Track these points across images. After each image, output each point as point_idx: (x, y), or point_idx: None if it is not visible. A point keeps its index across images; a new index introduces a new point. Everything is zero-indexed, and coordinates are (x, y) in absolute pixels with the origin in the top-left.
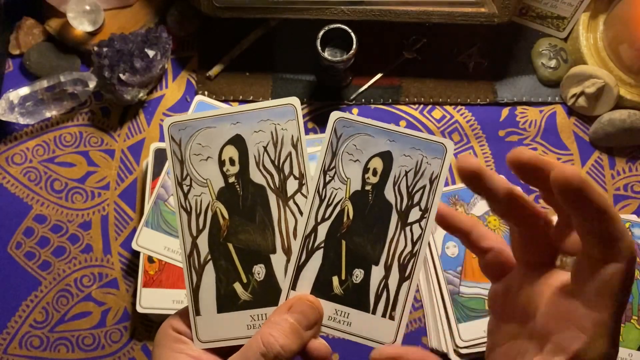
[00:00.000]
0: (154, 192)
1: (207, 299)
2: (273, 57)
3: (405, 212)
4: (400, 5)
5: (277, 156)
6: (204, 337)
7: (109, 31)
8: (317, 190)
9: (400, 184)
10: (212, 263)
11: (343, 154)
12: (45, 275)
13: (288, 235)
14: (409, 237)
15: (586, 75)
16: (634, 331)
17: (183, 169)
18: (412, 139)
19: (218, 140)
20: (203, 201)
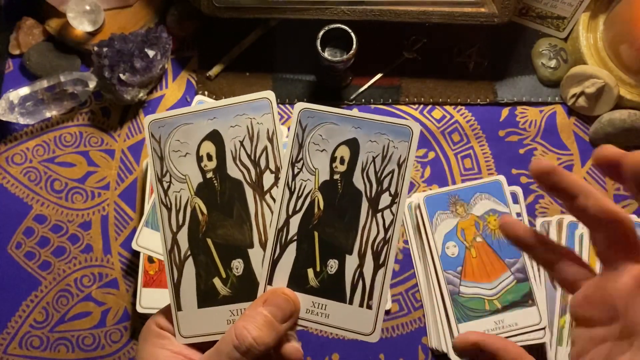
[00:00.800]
0: (153, 192)
1: (187, 294)
2: (273, 57)
3: (375, 198)
4: (400, 5)
5: (254, 150)
6: (186, 332)
7: (109, 31)
8: (287, 183)
9: (368, 170)
10: (192, 259)
11: (309, 145)
12: (45, 275)
13: (265, 230)
14: (380, 224)
15: (586, 75)
16: None
17: (163, 165)
18: (378, 124)
19: (196, 136)
20: (182, 197)
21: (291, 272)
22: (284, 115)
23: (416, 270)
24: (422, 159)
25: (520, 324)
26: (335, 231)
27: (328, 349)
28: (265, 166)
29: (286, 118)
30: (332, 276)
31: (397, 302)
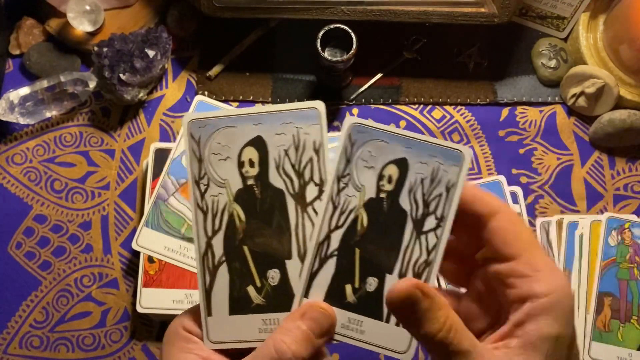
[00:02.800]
0: (154, 192)
1: (219, 300)
2: (273, 57)
3: (421, 220)
4: (400, 5)
5: (298, 161)
6: (215, 338)
7: (109, 31)
8: (331, 197)
9: (416, 191)
10: (226, 265)
11: (357, 161)
12: (45, 275)
13: (305, 242)
14: (424, 246)
15: (586, 75)
16: (634, 331)
17: (201, 167)
18: (429, 146)
19: (238, 140)
20: (220, 202)
21: (329, 286)
22: None
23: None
24: None
25: None
26: (377, 249)
27: (328, 350)
28: (310, 178)
29: None
30: (371, 294)
31: None
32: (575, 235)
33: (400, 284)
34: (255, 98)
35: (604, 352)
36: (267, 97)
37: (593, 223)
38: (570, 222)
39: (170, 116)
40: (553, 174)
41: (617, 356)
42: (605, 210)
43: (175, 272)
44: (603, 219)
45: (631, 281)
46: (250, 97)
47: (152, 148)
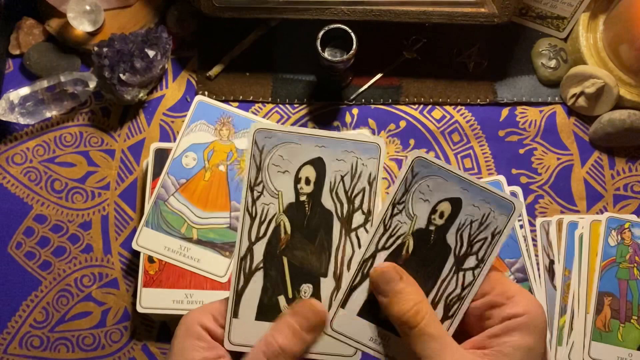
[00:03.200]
0: (154, 192)
1: (248, 304)
2: (273, 57)
3: (462, 258)
4: (400, 5)
5: (352, 188)
6: (235, 340)
7: (109, 31)
8: (384, 220)
9: (463, 231)
10: (262, 271)
11: (415, 192)
12: (45, 275)
13: (342, 264)
14: (460, 281)
15: (586, 75)
16: (634, 331)
17: (258, 175)
18: (484, 192)
19: (300, 157)
20: (270, 211)
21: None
22: (284, 115)
23: None
24: None
25: None
26: (416, 276)
27: None
28: (359, 206)
29: (286, 118)
30: None
31: None
32: (575, 235)
33: (382, 263)
34: (255, 98)
35: (603, 352)
36: (267, 97)
37: (593, 223)
38: (570, 222)
39: (171, 116)
40: (553, 174)
41: (617, 356)
42: (605, 210)
43: (176, 272)
44: (603, 219)
45: (631, 281)
46: (250, 97)
47: (152, 148)
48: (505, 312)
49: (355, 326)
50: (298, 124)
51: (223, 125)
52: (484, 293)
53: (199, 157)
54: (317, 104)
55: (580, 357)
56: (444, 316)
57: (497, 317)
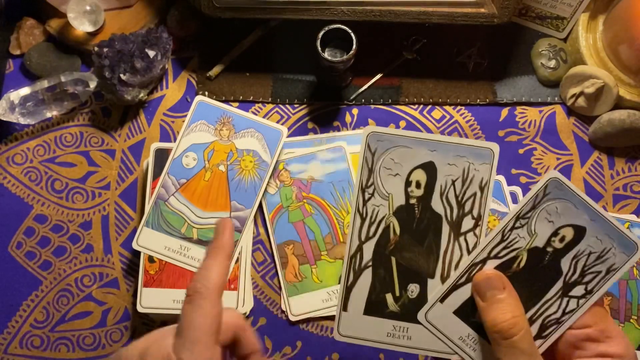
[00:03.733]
0: (154, 192)
1: (357, 299)
2: (273, 58)
3: (571, 285)
4: (400, 5)
5: (462, 193)
6: (344, 332)
7: (109, 31)
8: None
9: (579, 260)
10: (371, 269)
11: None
12: (45, 275)
13: (450, 267)
14: (562, 306)
15: (585, 75)
16: (634, 331)
17: (370, 177)
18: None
19: (411, 161)
20: (380, 212)
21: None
22: (284, 115)
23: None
24: None
25: None
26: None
27: (328, 349)
28: (469, 211)
29: (286, 118)
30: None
31: None
32: None
33: (490, 269)
34: (255, 98)
35: None
36: (267, 97)
37: None
38: None
39: (171, 116)
40: None
41: None
42: (605, 210)
43: (176, 272)
44: None
45: (630, 281)
46: (251, 97)
47: (152, 148)
48: (601, 349)
49: (448, 322)
50: (298, 124)
51: (223, 125)
52: (585, 324)
53: (199, 157)
54: (317, 104)
55: None
56: (537, 335)
57: (591, 350)
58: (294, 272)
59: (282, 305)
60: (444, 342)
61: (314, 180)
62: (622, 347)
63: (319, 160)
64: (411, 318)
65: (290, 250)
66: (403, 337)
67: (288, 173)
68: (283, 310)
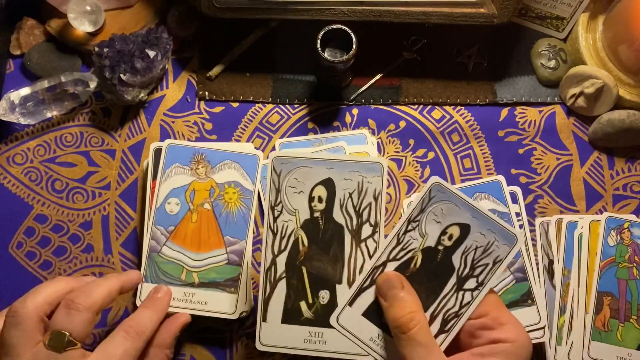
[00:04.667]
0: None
1: (275, 309)
2: (273, 58)
3: (464, 279)
4: (400, 5)
5: (359, 203)
6: (265, 342)
7: (109, 32)
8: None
9: (468, 254)
10: (285, 280)
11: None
12: (46, 275)
13: (355, 271)
14: (459, 299)
15: (585, 75)
16: (633, 330)
17: (277, 196)
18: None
19: (312, 179)
20: (289, 227)
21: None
22: (284, 115)
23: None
24: (421, 159)
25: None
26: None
27: None
28: (366, 219)
29: (286, 118)
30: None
31: None
32: (575, 235)
33: (389, 271)
34: (255, 98)
35: (603, 351)
36: (267, 97)
37: (592, 223)
38: (569, 222)
39: (171, 116)
40: (552, 174)
41: (617, 356)
42: (605, 210)
43: None
44: (602, 219)
45: (630, 281)
46: (251, 97)
47: (151, 148)
48: (493, 336)
49: (358, 324)
50: (298, 124)
51: (198, 163)
52: (479, 314)
53: (181, 201)
54: (317, 104)
55: (580, 357)
56: (440, 329)
57: (485, 338)
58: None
59: None
60: (357, 343)
61: None
62: (513, 333)
63: None
64: (325, 323)
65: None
66: (319, 342)
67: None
68: None
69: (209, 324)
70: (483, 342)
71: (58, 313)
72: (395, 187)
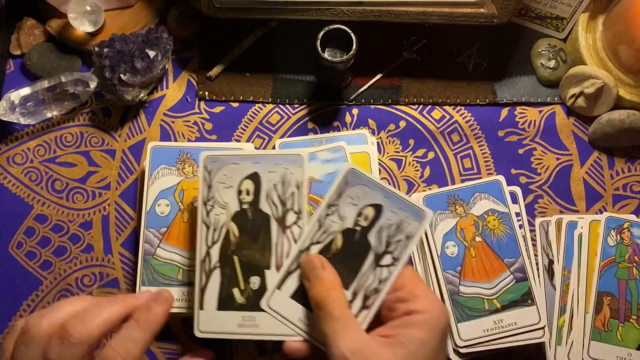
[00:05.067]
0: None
1: (210, 297)
2: (273, 58)
3: (380, 255)
4: (400, 5)
5: (283, 193)
6: (204, 328)
7: (109, 32)
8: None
9: (382, 232)
10: (219, 270)
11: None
12: (46, 275)
13: (282, 256)
14: (377, 276)
15: (585, 75)
16: (633, 330)
17: (209, 192)
18: (402, 201)
19: (240, 174)
20: (220, 220)
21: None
22: (284, 115)
23: (415, 269)
24: (421, 159)
25: (520, 324)
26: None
27: None
28: (290, 207)
29: (286, 118)
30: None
31: None
32: (575, 235)
33: (311, 254)
34: (255, 98)
35: (603, 351)
36: (267, 97)
37: (592, 223)
38: (569, 222)
39: (171, 116)
40: (552, 174)
41: (617, 356)
42: (605, 210)
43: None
44: (602, 219)
45: (630, 281)
46: (251, 97)
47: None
48: (408, 307)
49: (287, 306)
50: (298, 124)
51: (184, 163)
52: (396, 288)
53: (171, 202)
54: (317, 104)
55: (580, 357)
56: (362, 306)
57: (401, 310)
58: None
59: None
60: (287, 325)
61: (313, 180)
62: (426, 304)
63: (319, 160)
64: (256, 307)
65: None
66: (252, 325)
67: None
68: None
69: None
70: (399, 315)
71: (52, 342)
72: (395, 187)
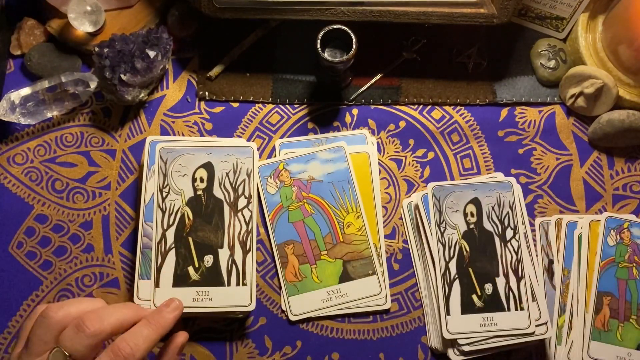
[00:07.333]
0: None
1: (166, 276)
2: (273, 58)
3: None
4: (400, 6)
5: (235, 181)
6: (159, 304)
7: (109, 32)
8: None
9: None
10: (174, 250)
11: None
12: (46, 275)
13: (234, 237)
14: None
15: (585, 75)
16: (633, 330)
17: (165, 180)
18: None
19: (194, 163)
20: (175, 205)
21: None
22: (284, 115)
23: (416, 270)
24: (421, 159)
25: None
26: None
27: (328, 349)
28: (242, 193)
29: (286, 118)
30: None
31: (396, 302)
32: (574, 235)
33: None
34: (255, 98)
35: (603, 351)
36: (267, 97)
37: (592, 223)
38: (569, 221)
39: (171, 116)
40: (552, 174)
41: (616, 355)
42: (604, 210)
43: None
44: (602, 219)
45: (630, 280)
46: (251, 98)
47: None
48: None
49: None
50: (298, 124)
51: None
52: None
53: None
54: (317, 104)
55: (580, 357)
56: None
57: None
58: (294, 271)
59: (282, 305)
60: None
61: (314, 180)
62: None
63: (319, 160)
64: (210, 283)
65: (290, 250)
66: (206, 299)
67: (288, 173)
68: (283, 310)
69: (208, 324)
70: None
71: (68, 330)
72: (395, 187)
